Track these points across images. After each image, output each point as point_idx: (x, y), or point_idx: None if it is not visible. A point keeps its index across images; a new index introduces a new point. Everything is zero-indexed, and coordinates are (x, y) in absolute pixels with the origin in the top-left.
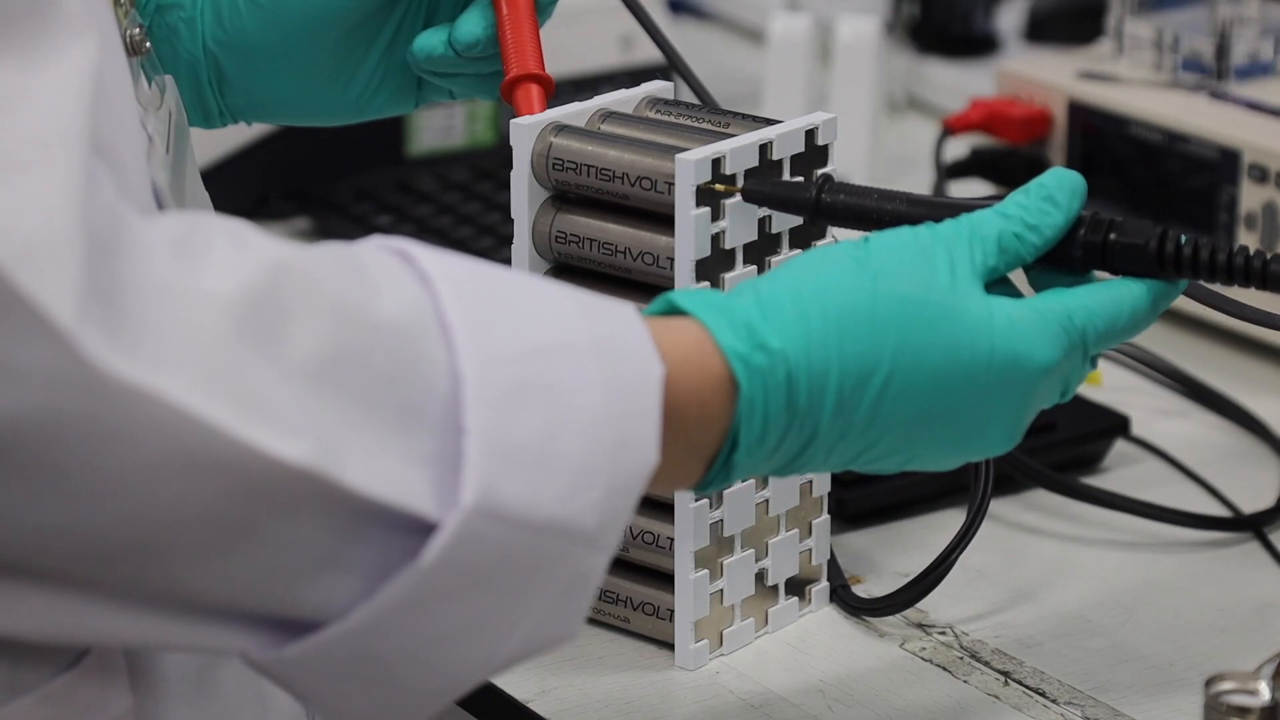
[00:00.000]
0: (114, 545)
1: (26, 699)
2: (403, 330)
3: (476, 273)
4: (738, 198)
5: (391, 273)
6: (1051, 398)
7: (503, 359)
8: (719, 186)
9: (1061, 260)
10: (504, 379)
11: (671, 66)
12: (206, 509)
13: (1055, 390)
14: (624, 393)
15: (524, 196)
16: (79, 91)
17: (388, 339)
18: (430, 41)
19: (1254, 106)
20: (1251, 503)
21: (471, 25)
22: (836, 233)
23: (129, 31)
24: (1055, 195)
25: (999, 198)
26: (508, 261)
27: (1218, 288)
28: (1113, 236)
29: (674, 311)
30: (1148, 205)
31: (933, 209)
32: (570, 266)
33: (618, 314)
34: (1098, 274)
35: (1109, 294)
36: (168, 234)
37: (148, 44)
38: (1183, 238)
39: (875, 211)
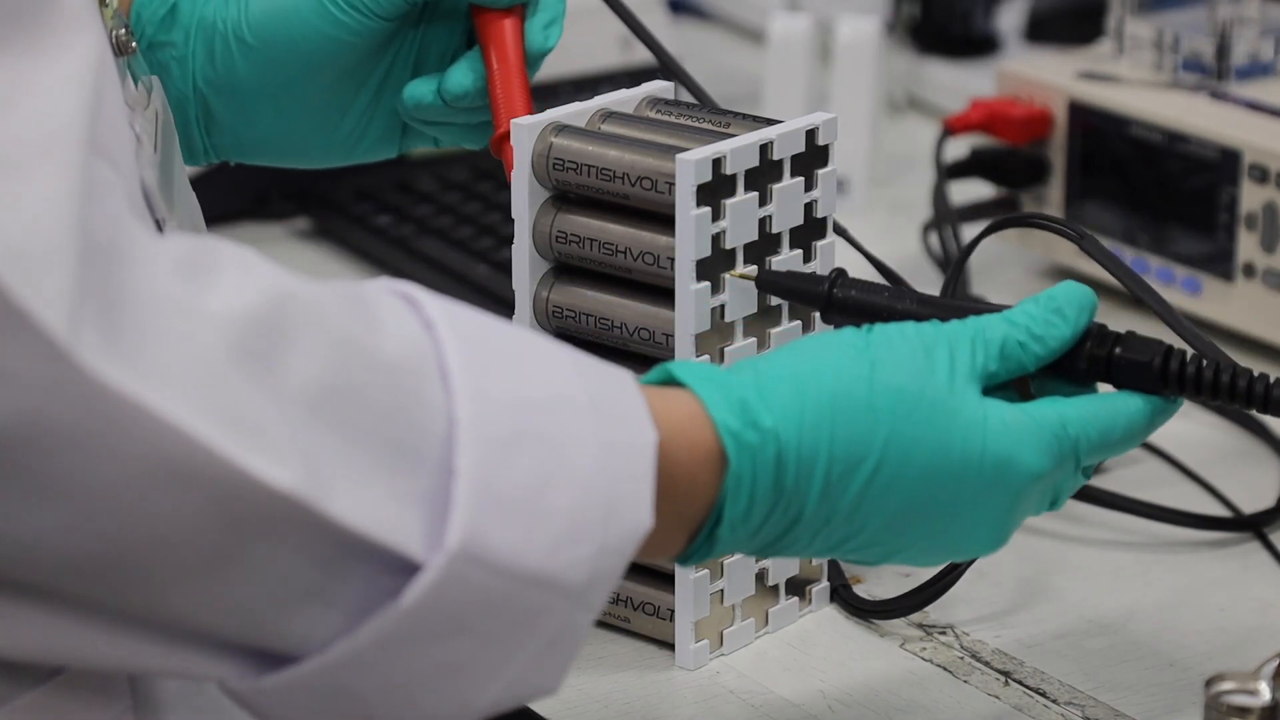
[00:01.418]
0: (98, 561)
1: (7, 709)
2: (402, 370)
3: (479, 323)
4: (750, 279)
5: (396, 314)
6: (1040, 506)
7: (500, 406)
8: (735, 273)
9: (1065, 371)
10: (499, 426)
11: (664, 68)
12: (191, 528)
13: (1045, 498)
14: (618, 454)
15: (524, 196)
16: (79, 90)
17: (387, 377)
18: (419, 91)
19: (1254, 107)
20: (1251, 503)
21: (461, 77)
22: (837, 235)
23: (115, 32)
24: (1064, 309)
25: (1008, 306)
26: (508, 262)
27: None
28: (1118, 351)
29: (671, 382)
30: (1148, 205)
31: (941, 310)
32: (570, 266)
33: (615, 378)
34: (1100, 385)
35: (1106, 406)
36: (175, 252)
37: (133, 44)
38: (1188, 355)
39: (885, 309)
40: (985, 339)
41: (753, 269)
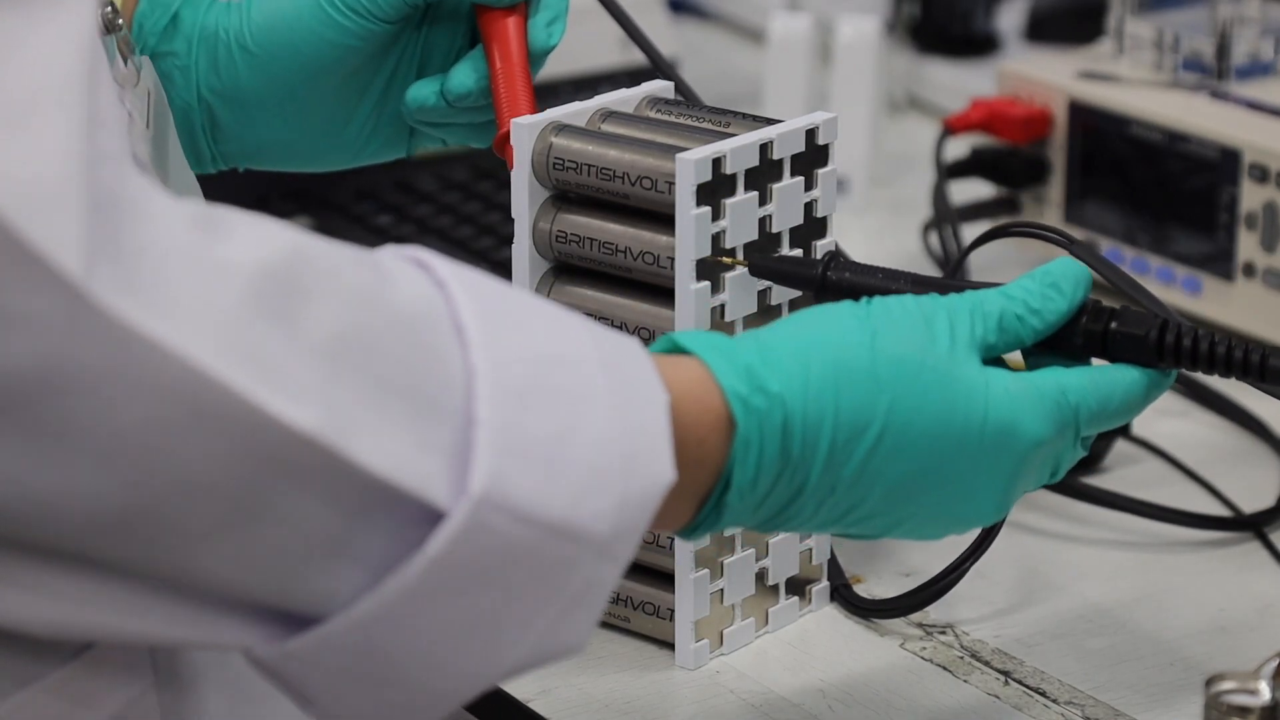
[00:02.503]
0: (122, 515)
1: (32, 689)
2: (418, 322)
3: (491, 284)
4: (742, 271)
5: (408, 273)
6: (1041, 476)
7: (514, 360)
8: (725, 259)
9: (1061, 346)
10: (516, 378)
11: (655, 67)
12: (214, 476)
13: (1046, 468)
14: (634, 410)
15: (524, 196)
16: (78, 46)
17: (403, 328)
18: (422, 92)
19: (1254, 106)
20: (1251, 503)
21: (463, 76)
22: (838, 234)
23: (103, 10)
24: (1060, 283)
25: (1002, 284)
26: (508, 261)
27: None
28: (1114, 325)
29: (676, 351)
30: (1148, 205)
31: (937, 289)
32: (571, 266)
33: (625, 342)
34: (1095, 361)
35: (1104, 376)
36: (188, 209)
37: (120, 22)
38: (1182, 327)
39: (880, 290)
40: (984, 311)
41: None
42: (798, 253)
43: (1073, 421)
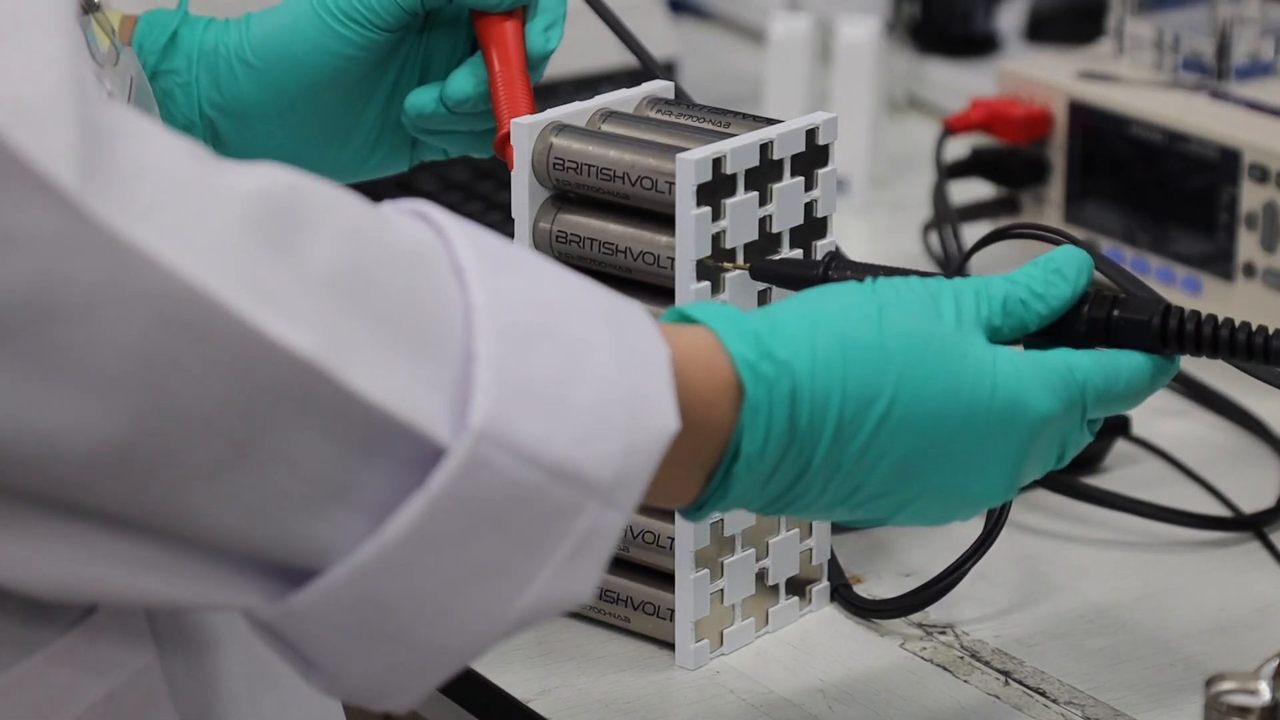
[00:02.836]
0: (119, 451)
1: (37, 657)
2: (416, 260)
3: (489, 235)
4: (742, 273)
5: (407, 219)
6: (1049, 458)
7: (515, 302)
8: (726, 264)
9: (1065, 334)
10: (516, 319)
11: (647, 68)
12: (212, 404)
13: (1053, 449)
14: (635, 359)
15: (524, 196)
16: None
17: (402, 264)
18: (422, 99)
19: (1254, 106)
20: (1251, 503)
21: (463, 82)
22: (838, 234)
23: None
24: (1064, 269)
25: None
26: None
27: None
28: (1117, 313)
29: (684, 321)
30: (1148, 205)
31: None
32: (571, 266)
33: (626, 301)
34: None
35: (1110, 359)
36: (185, 143)
37: (97, 1)
38: (1185, 313)
39: None
40: (988, 294)
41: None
42: (798, 253)
43: (1079, 400)
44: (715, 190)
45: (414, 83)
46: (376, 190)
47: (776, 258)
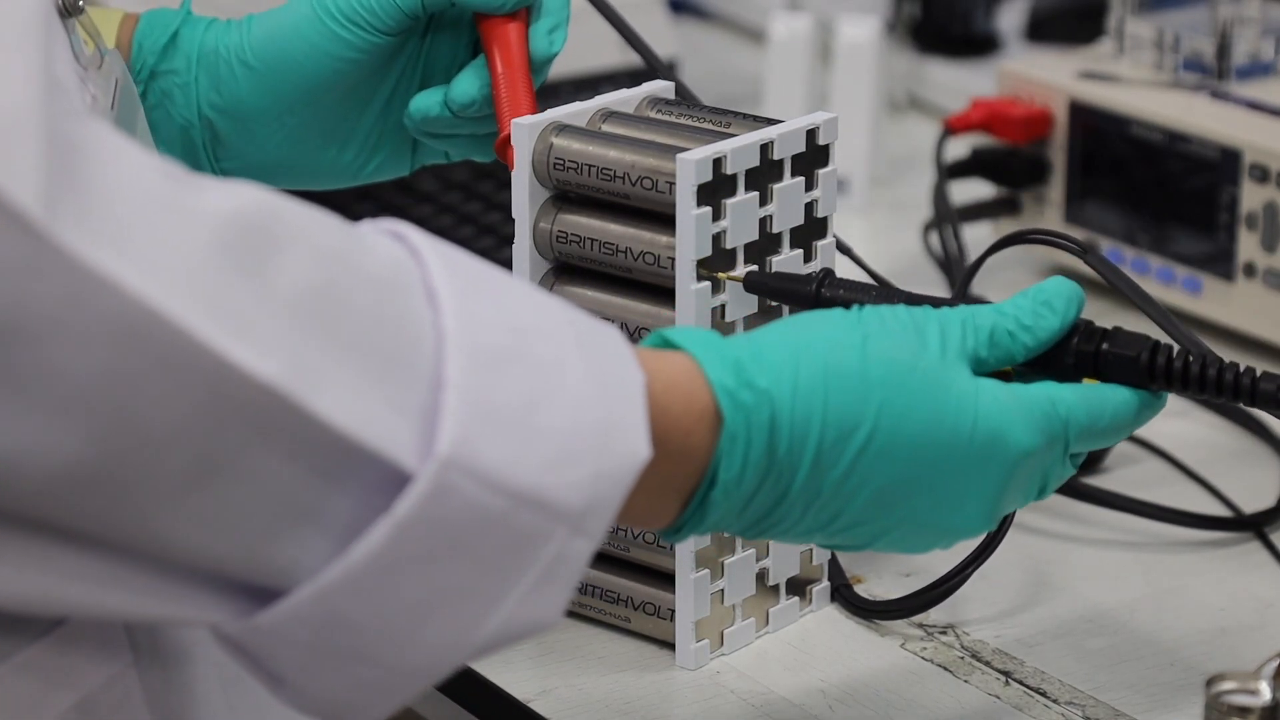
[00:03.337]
0: (84, 470)
1: (6, 665)
2: (389, 284)
3: (465, 257)
4: (737, 281)
5: (381, 240)
6: (1029, 491)
7: (487, 326)
8: (720, 274)
9: (1053, 366)
10: (488, 344)
11: (649, 67)
12: (175, 428)
13: (1034, 483)
14: (608, 386)
15: (525, 196)
16: (33, 6)
17: (373, 288)
18: (426, 102)
19: (1255, 106)
20: (1251, 503)
21: (467, 85)
22: (837, 233)
23: None
24: (1053, 301)
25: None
26: (509, 261)
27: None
28: (1105, 346)
29: (666, 346)
30: (1148, 205)
31: (931, 306)
32: (571, 266)
33: (601, 326)
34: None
35: (1095, 393)
36: (157, 161)
37: (81, 4)
38: (1174, 350)
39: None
40: (975, 324)
41: (741, 272)
42: (798, 253)
43: (1062, 435)
44: (715, 190)
45: (414, 86)
46: (377, 191)
47: (770, 270)
